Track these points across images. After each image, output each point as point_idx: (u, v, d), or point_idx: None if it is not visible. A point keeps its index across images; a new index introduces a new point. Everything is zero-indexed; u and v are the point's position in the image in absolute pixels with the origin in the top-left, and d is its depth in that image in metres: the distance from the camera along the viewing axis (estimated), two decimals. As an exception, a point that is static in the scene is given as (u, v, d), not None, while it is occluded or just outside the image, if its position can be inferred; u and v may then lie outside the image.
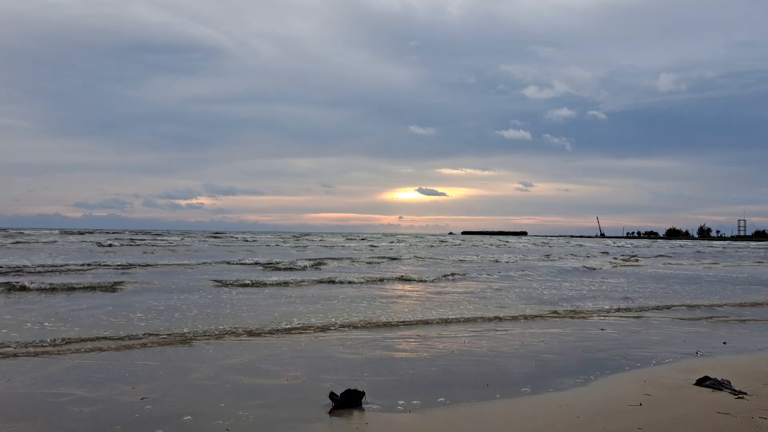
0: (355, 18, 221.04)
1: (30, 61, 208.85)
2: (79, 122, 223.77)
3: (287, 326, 9.88)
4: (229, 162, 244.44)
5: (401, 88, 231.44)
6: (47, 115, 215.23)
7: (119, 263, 23.51)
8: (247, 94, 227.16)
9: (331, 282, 17.88)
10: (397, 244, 66.25)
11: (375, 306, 12.85)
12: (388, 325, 10.31)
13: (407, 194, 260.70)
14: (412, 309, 12.57)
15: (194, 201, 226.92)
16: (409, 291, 16.55)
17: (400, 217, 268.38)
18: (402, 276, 20.57)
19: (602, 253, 50.53)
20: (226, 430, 4.85)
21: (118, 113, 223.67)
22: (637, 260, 38.07)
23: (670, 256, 45.58)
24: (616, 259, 39.60)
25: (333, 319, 10.68)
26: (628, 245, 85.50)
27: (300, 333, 9.37)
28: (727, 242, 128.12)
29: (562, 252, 50.58)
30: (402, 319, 10.96)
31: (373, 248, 49.83)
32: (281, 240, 68.49)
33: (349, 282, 18.00)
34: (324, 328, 9.81)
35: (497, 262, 32.26)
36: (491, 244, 72.20)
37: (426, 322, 10.74)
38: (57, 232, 79.73)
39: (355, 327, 10.03)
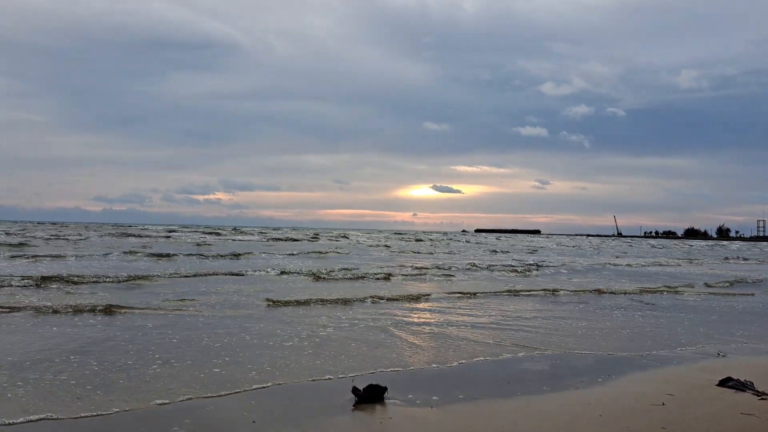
0: (371, 15, 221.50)
1: (50, 57, 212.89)
2: (99, 118, 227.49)
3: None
4: (245, 158, 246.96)
5: (416, 84, 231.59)
6: (67, 110, 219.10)
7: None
8: (263, 91, 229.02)
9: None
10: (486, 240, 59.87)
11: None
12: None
13: (421, 191, 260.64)
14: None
15: (211, 196, 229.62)
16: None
17: (414, 214, 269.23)
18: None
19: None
20: (253, 422, 4.94)
21: (136, 109, 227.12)
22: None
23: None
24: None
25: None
26: (726, 247, 77.93)
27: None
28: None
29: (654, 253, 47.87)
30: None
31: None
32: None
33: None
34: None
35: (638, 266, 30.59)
36: (591, 244, 67.82)
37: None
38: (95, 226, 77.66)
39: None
